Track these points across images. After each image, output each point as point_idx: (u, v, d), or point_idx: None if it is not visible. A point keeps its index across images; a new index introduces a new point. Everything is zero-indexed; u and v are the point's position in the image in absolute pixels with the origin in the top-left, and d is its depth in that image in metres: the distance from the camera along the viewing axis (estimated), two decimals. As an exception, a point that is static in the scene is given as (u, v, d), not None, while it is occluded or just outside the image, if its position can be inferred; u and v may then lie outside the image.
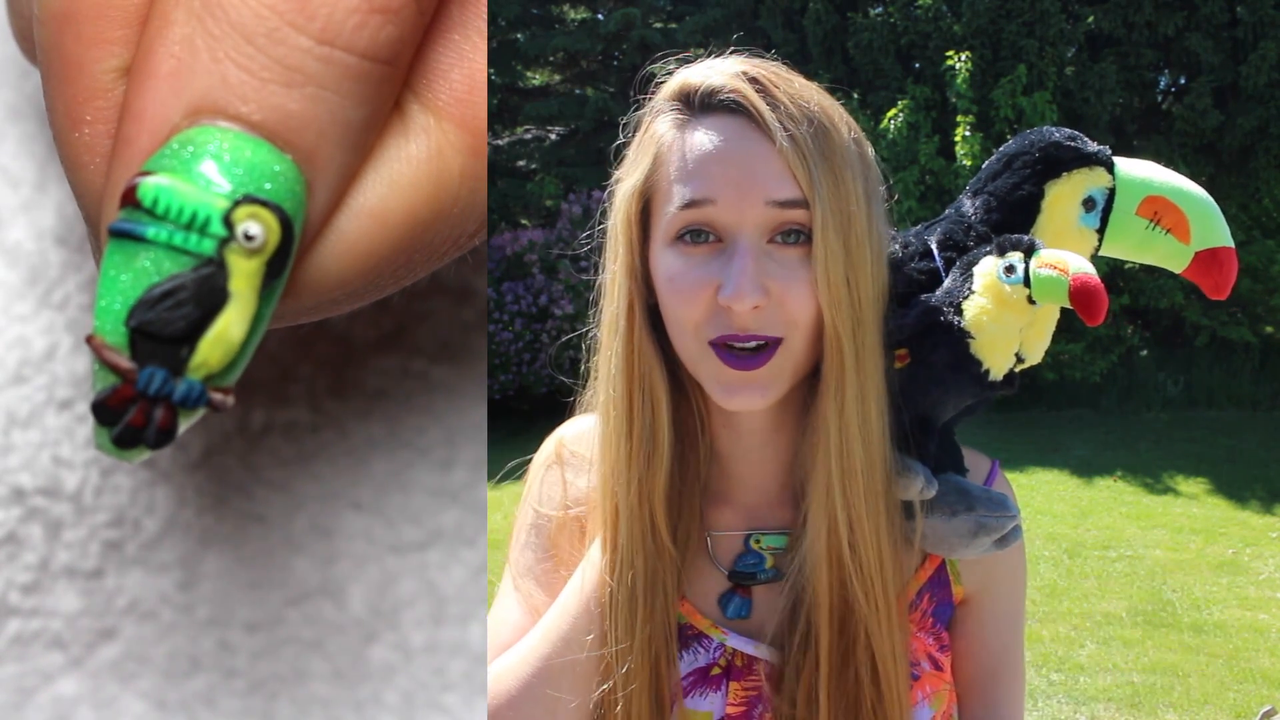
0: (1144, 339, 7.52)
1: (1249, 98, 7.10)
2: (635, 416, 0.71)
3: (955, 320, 0.69)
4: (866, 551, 0.69)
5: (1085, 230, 0.75)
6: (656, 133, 0.70)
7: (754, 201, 0.66)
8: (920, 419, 0.72)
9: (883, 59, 7.62)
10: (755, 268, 0.65)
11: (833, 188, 0.66)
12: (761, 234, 0.66)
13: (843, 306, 0.66)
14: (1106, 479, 5.47)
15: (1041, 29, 7.12)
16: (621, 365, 0.72)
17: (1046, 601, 3.68)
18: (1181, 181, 0.76)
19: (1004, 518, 0.71)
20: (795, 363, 0.68)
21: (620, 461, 0.72)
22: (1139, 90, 7.62)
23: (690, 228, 0.67)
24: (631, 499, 0.71)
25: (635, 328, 0.71)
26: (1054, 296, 0.67)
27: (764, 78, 0.68)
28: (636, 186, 0.70)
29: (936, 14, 7.48)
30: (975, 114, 6.94)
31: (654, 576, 0.72)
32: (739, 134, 0.67)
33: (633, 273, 0.71)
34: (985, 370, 0.69)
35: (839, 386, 0.67)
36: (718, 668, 0.74)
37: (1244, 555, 4.19)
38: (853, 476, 0.68)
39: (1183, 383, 7.29)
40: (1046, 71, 7.06)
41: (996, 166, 0.78)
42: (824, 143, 0.67)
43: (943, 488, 0.71)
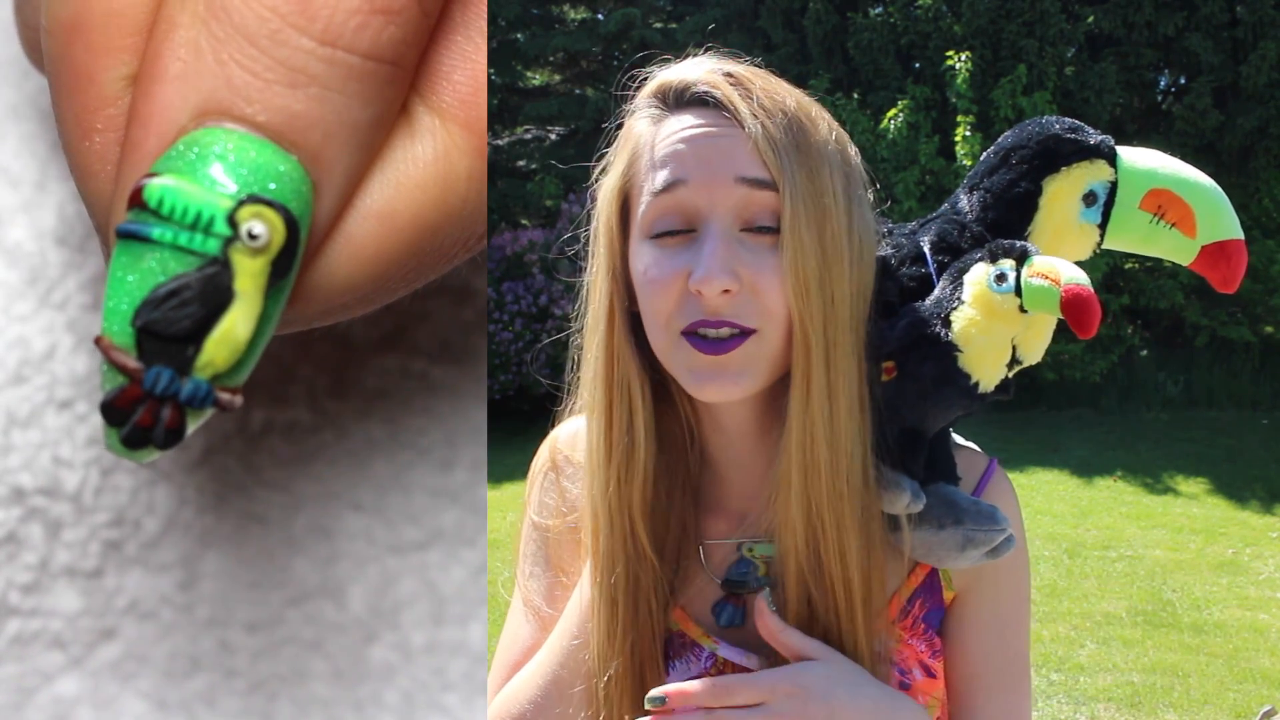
0: (1144, 339, 7.52)
1: (1249, 98, 7.10)
2: (614, 422, 0.70)
3: (943, 333, 0.67)
4: (828, 553, 0.68)
5: (1086, 226, 0.72)
6: (633, 130, 0.70)
7: (723, 179, 0.65)
8: (908, 432, 0.70)
9: (883, 59, 7.62)
10: (725, 251, 0.65)
11: (807, 179, 0.65)
12: (733, 219, 0.66)
13: (813, 301, 0.65)
14: (1106, 479, 5.47)
15: (1041, 29, 7.12)
16: (601, 369, 0.71)
17: (1046, 601, 3.68)
18: (1188, 172, 0.72)
19: (993, 531, 0.69)
20: (771, 355, 0.67)
21: (599, 469, 0.71)
22: (1139, 90, 7.63)
23: (665, 214, 0.67)
24: (610, 504, 0.70)
25: (615, 330, 0.71)
26: (1045, 306, 0.65)
27: (739, 74, 0.68)
28: (615, 184, 0.70)
29: (936, 14, 7.48)
30: (975, 114, 6.94)
31: (635, 583, 0.71)
32: (711, 122, 0.67)
33: (613, 274, 0.71)
34: (974, 383, 0.67)
35: (804, 383, 0.66)
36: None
37: (1244, 555, 4.19)
38: (815, 474, 0.66)
39: (1183, 383, 7.29)
40: (1046, 71, 7.06)
41: (993, 160, 0.75)
42: (798, 136, 0.66)
43: (931, 500, 0.69)
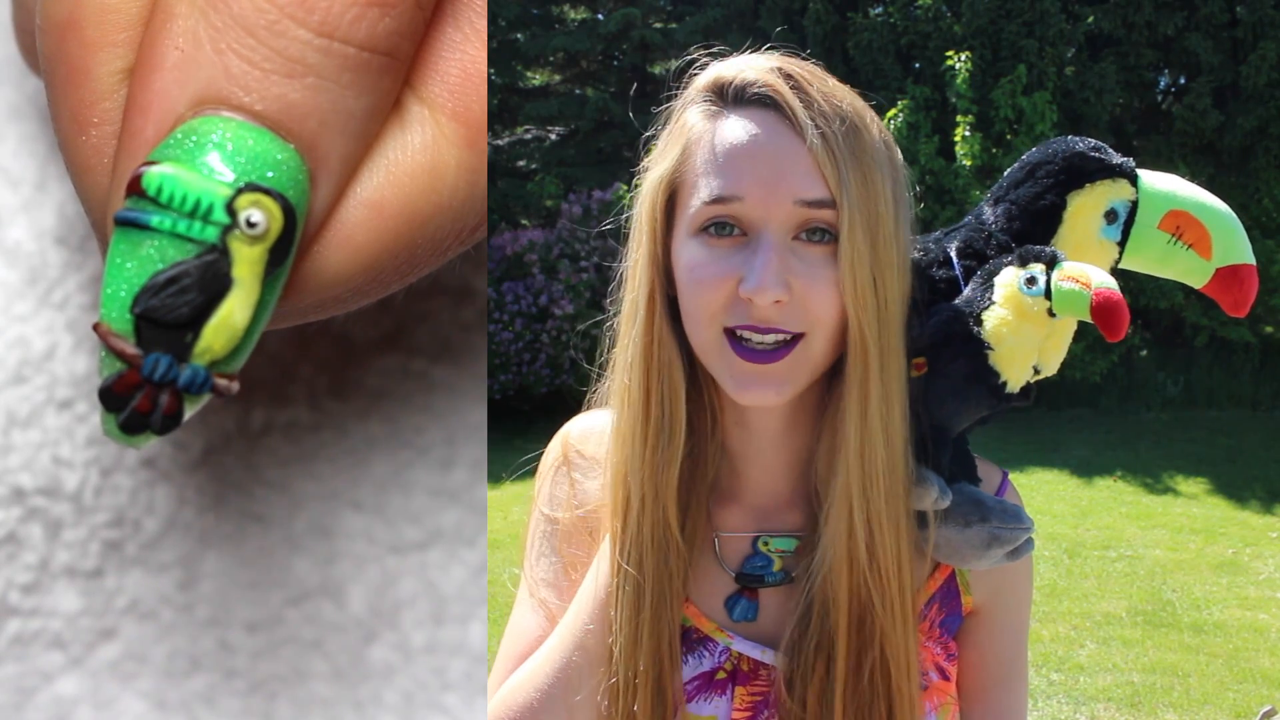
0: (1144, 339, 7.51)
1: (1249, 98, 7.10)
2: (652, 406, 0.70)
3: (975, 331, 0.68)
4: (885, 557, 0.68)
5: (1106, 243, 0.74)
6: (687, 123, 0.70)
7: (782, 200, 0.65)
8: (935, 429, 0.71)
9: (883, 59, 7.62)
10: (779, 263, 0.64)
11: (861, 187, 0.65)
12: (787, 231, 0.66)
13: (869, 307, 0.65)
14: (1106, 479, 5.47)
15: (1041, 29, 7.12)
16: (640, 354, 0.71)
17: (1046, 601, 3.68)
18: (1205, 196, 0.75)
19: (1018, 530, 0.71)
20: (814, 361, 0.67)
21: (635, 453, 0.71)
22: (1139, 90, 7.63)
23: (715, 221, 0.66)
24: (645, 491, 0.70)
25: (656, 316, 0.70)
26: (1075, 310, 0.66)
27: (798, 75, 0.68)
28: (664, 176, 0.70)
29: (936, 14, 7.48)
30: (975, 114, 6.95)
31: (661, 574, 0.71)
32: (770, 129, 0.66)
33: (655, 262, 0.70)
34: (1003, 382, 0.69)
35: (863, 388, 0.66)
36: (723, 672, 0.73)
37: (1244, 555, 4.19)
38: (874, 480, 0.67)
39: (1183, 383, 7.29)
40: (1046, 71, 7.06)
41: (1019, 175, 0.77)
42: (855, 142, 0.66)
43: (957, 498, 0.71)
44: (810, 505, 0.73)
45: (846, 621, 0.69)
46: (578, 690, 0.71)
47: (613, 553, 0.72)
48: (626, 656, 0.70)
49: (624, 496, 0.72)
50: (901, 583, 0.69)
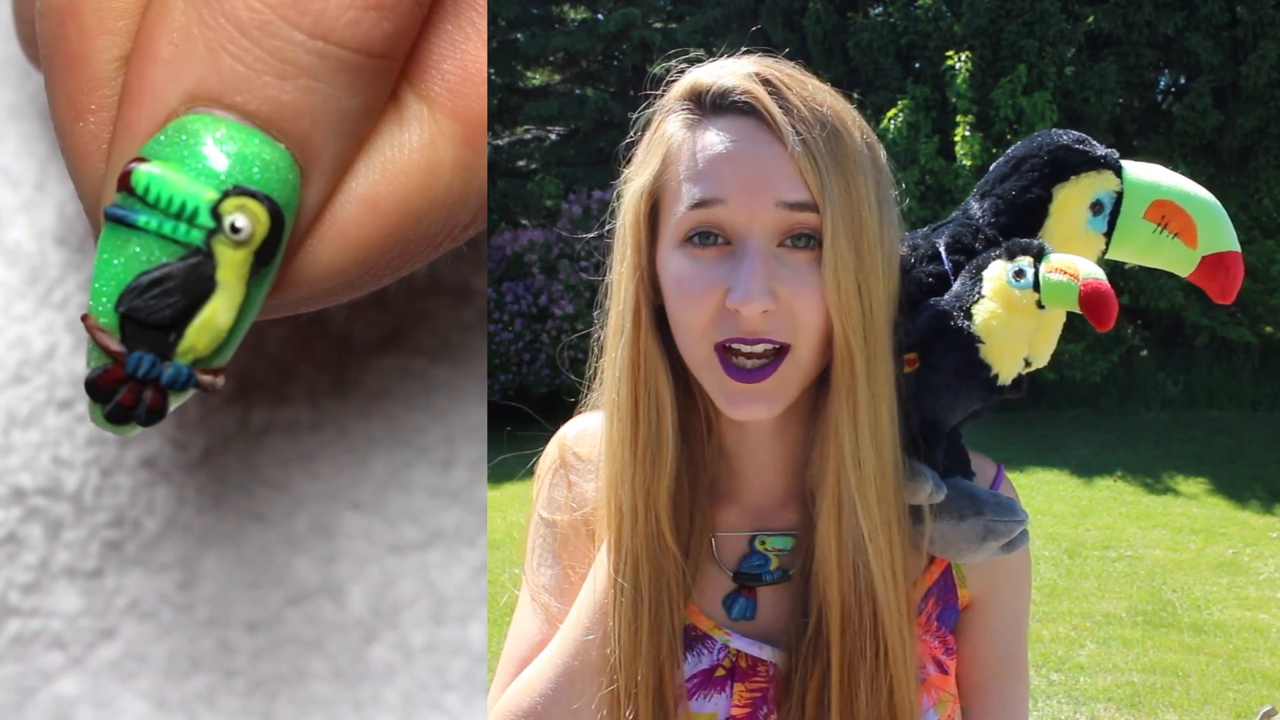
0: (1144, 339, 7.51)
1: (1249, 98, 7.10)
2: (640, 420, 0.70)
3: (965, 325, 0.69)
4: (878, 557, 0.69)
5: (1093, 234, 0.74)
6: (666, 132, 0.69)
7: (764, 203, 0.65)
8: (928, 423, 0.72)
9: (883, 59, 7.62)
10: (765, 271, 0.64)
11: (844, 193, 0.65)
12: (771, 237, 0.65)
13: (854, 314, 0.66)
14: (1106, 479, 5.47)
15: (1041, 29, 7.12)
16: (627, 368, 0.71)
17: (1046, 601, 3.68)
18: (1189, 185, 0.75)
19: (1012, 522, 0.71)
20: (803, 371, 0.67)
21: (625, 466, 0.71)
22: (1139, 90, 7.63)
23: (699, 229, 0.66)
24: (636, 504, 0.71)
25: (641, 330, 0.70)
26: (1064, 301, 0.67)
27: (777, 79, 0.67)
28: (645, 186, 0.69)
29: (936, 14, 7.48)
30: (975, 114, 6.95)
31: (658, 582, 0.71)
32: (750, 135, 0.66)
33: (640, 274, 0.70)
34: (994, 375, 0.69)
35: (850, 395, 0.67)
36: (722, 669, 0.73)
37: (1244, 555, 4.19)
38: (865, 484, 0.68)
39: (1183, 383, 7.29)
40: (1046, 71, 7.06)
41: (1004, 169, 0.77)
42: (836, 147, 0.66)
43: (951, 492, 0.71)
44: (806, 504, 0.73)
45: (840, 619, 0.69)
46: (579, 697, 0.72)
47: (609, 562, 0.72)
48: (625, 666, 0.71)
49: (617, 509, 0.72)
50: (896, 580, 0.69)
